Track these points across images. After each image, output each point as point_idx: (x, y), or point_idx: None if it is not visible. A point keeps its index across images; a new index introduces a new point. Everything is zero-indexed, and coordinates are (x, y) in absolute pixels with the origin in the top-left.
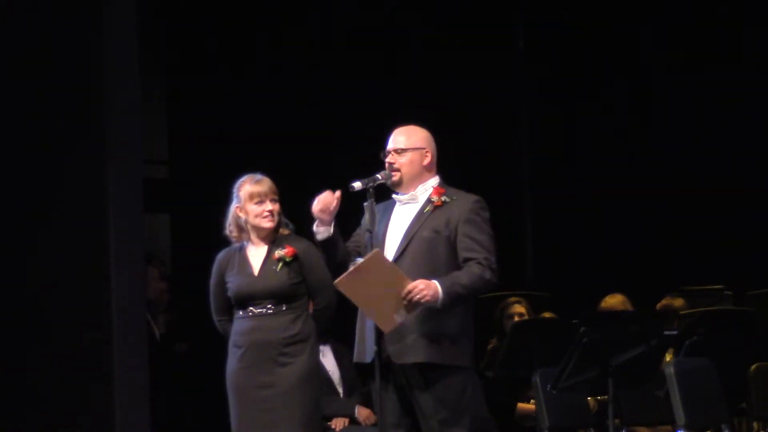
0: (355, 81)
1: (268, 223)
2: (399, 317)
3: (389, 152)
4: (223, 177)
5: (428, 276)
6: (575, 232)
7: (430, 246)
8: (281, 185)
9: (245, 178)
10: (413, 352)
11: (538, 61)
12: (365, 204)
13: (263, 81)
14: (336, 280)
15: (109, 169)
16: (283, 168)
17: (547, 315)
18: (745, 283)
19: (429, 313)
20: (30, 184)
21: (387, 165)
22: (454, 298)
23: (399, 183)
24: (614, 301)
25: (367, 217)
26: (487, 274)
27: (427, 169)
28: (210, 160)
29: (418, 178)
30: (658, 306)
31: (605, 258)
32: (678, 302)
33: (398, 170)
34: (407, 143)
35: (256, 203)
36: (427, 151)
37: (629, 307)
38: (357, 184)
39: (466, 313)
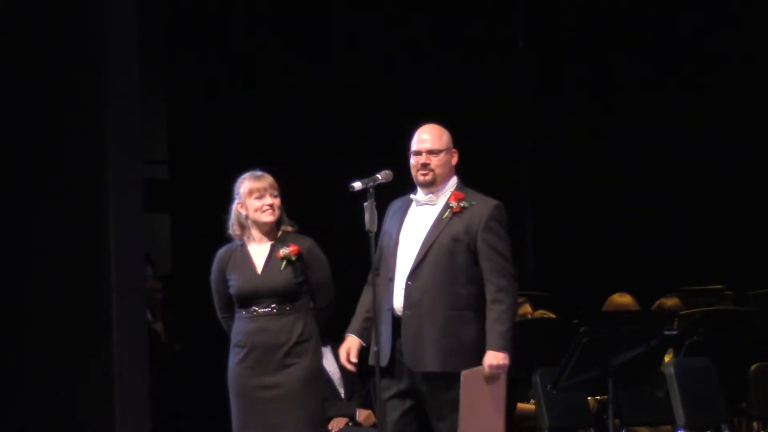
0: (356, 81)
1: (268, 217)
2: None
3: (421, 152)
4: (223, 177)
5: (446, 284)
6: (575, 231)
7: (449, 254)
8: (282, 185)
9: (245, 175)
10: (430, 361)
11: (538, 61)
12: (365, 204)
13: (263, 81)
14: (465, 371)
15: (109, 169)
16: (283, 168)
17: (547, 315)
18: (745, 283)
19: (448, 323)
20: (30, 184)
21: (420, 165)
22: (510, 342)
23: (432, 183)
24: (623, 300)
25: (367, 217)
26: (507, 298)
27: (453, 170)
28: (210, 160)
29: (446, 178)
30: (653, 307)
31: (605, 258)
32: (671, 302)
33: (433, 170)
34: (439, 144)
35: (256, 198)
36: (454, 152)
37: (637, 307)
38: (357, 184)
39: (483, 323)
